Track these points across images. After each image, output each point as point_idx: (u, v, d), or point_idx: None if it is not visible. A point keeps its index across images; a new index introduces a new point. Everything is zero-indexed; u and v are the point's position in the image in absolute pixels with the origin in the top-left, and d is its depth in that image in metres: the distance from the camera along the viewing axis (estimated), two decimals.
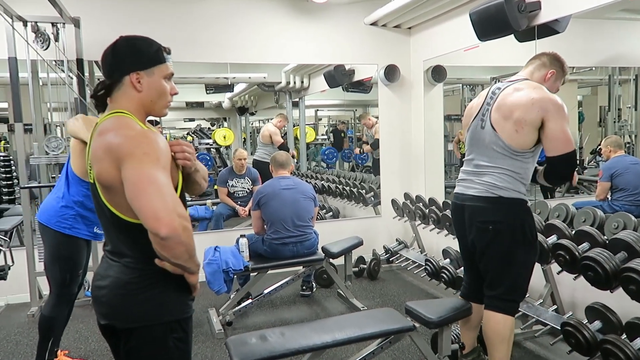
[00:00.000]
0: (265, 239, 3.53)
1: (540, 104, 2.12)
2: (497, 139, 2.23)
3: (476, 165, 2.35)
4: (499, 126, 2.22)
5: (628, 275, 2.22)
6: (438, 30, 4.39)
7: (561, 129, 2.12)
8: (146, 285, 1.39)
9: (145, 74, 1.40)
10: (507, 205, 2.25)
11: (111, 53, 1.41)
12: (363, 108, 8.78)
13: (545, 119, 2.12)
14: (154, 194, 1.23)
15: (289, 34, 4.51)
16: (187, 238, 1.27)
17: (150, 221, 1.22)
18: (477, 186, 2.31)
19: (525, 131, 2.16)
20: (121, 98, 1.41)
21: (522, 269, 2.32)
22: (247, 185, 5.12)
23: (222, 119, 8.30)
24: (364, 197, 5.07)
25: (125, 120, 1.37)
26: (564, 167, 2.21)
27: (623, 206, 3.86)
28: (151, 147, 1.30)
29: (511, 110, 2.18)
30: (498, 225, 2.26)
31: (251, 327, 3.37)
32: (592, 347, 2.38)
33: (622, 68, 5.52)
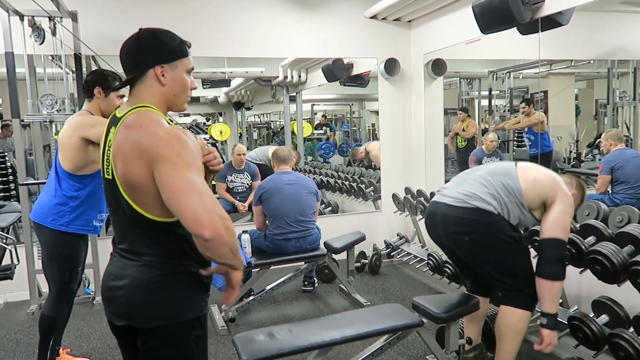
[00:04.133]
0: (268, 235, 3.50)
1: (560, 187, 2.28)
2: (512, 172, 2.33)
3: (473, 175, 2.40)
4: (523, 167, 2.36)
5: (637, 269, 2.22)
6: (439, 23, 4.36)
7: (565, 215, 2.23)
8: (167, 284, 1.36)
9: (169, 68, 1.37)
10: (482, 216, 2.25)
11: (135, 45, 1.37)
12: (359, 102, 8.76)
13: (556, 199, 2.25)
14: (194, 198, 1.21)
15: (288, 27, 4.47)
16: (231, 237, 1.25)
17: (194, 225, 1.20)
18: (455, 195, 2.33)
19: (537, 190, 2.28)
20: (144, 92, 1.38)
21: (522, 266, 2.32)
22: (246, 181, 5.08)
23: (217, 114, 8.24)
24: (364, 192, 5.05)
25: (153, 115, 1.33)
26: (552, 252, 2.22)
27: (624, 199, 3.87)
28: (184, 148, 1.27)
29: (540, 171, 2.36)
30: (475, 234, 2.28)
31: (254, 323, 3.35)
32: (600, 341, 2.37)
33: (620, 61, 5.53)
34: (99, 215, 2.48)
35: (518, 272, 2.31)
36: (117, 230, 1.45)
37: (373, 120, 9.18)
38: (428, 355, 2.75)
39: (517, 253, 2.32)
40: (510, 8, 3.06)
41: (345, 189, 5.48)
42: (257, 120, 9.72)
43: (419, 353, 2.84)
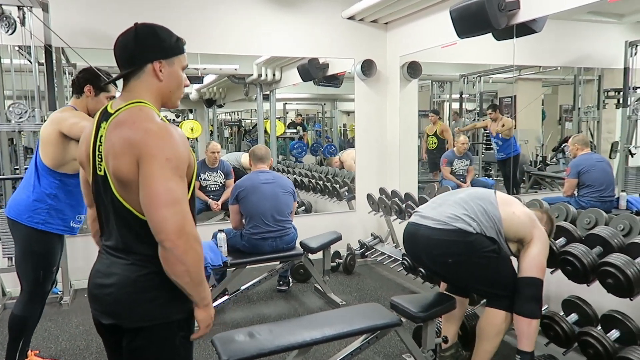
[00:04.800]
0: (244, 234, 3.47)
1: (537, 226, 2.36)
2: (492, 199, 2.38)
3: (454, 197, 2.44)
4: (502, 197, 2.44)
5: (606, 270, 2.30)
6: (415, 26, 4.42)
7: (541, 255, 2.32)
8: (155, 283, 1.34)
9: (167, 63, 1.37)
10: (464, 237, 2.28)
11: (133, 39, 1.35)
12: (331, 102, 8.80)
13: (533, 239, 2.33)
14: (168, 209, 1.22)
15: (265, 25, 4.43)
16: (191, 259, 1.25)
17: (158, 234, 1.23)
18: (435, 216, 2.36)
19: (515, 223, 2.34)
20: (139, 87, 1.36)
21: (506, 275, 2.37)
22: (219, 179, 5.03)
23: (187, 111, 8.12)
24: (339, 192, 5.07)
25: (146, 111, 1.32)
26: (530, 291, 2.29)
27: (589, 202, 4.01)
28: (173, 150, 1.26)
29: (518, 207, 2.41)
30: (459, 256, 2.32)
31: (229, 323, 3.32)
32: (570, 339, 2.46)
33: (586, 68, 5.73)
34: (77, 216, 2.42)
35: (501, 280, 2.37)
36: (106, 228, 1.42)
37: (345, 120, 9.24)
38: (404, 354, 2.79)
39: (499, 264, 2.36)
40: (487, 14, 3.12)
41: (319, 188, 5.49)
42: (228, 118, 9.63)
43: (394, 352, 2.88)
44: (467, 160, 5.63)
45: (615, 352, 2.22)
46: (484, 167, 6.85)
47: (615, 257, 2.29)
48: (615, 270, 2.25)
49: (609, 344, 2.26)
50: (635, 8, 4.46)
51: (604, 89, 5.58)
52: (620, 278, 2.22)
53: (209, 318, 1.39)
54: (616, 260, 2.26)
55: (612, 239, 2.47)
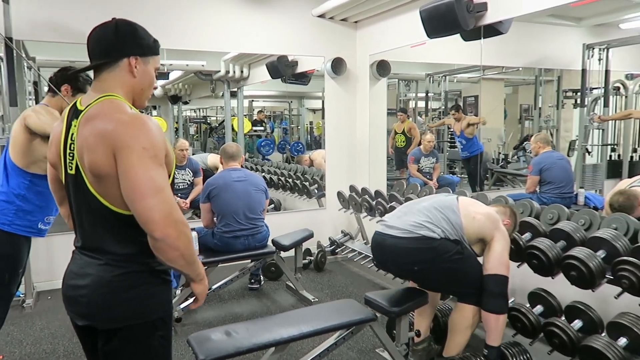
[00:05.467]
0: (216, 232, 3.44)
1: (497, 226, 2.43)
2: (454, 206, 2.44)
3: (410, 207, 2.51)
4: (463, 202, 2.49)
5: (569, 263, 2.40)
6: (385, 25, 4.47)
7: (503, 253, 2.39)
8: (130, 284, 1.32)
9: (142, 61, 1.37)
10: (429, 243, 2.34)
11: (113, 32, 1.33)
12: (298, 100, 8.79)
13: (494, 238, 2.40)
14: (152, 198, 1.21)
15: (234, 22, 4.39)
16: (183, 244, 1.26)
17: (146, 224, 1.22)
18: (400, 225, 2.41)
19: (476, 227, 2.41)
20: (112, 80, 1.34)
21: (472, 273, 2.44)
22: (188, 177, 4.95)
23: (151, 107, 7.95)
24: (309, 190, 5.09)
25: (117, 102, 1.30)
26: (496, 287, 2.35)
27: (550, 198, 4.17)
28: (149, 138, 1.24)
29: (479, 210, 2.49)
30: (425, 263, 2.38)
31: (201, 323, 3.28)
32: (536, 329, 2.55)
33: (546, 69, 5.95)
34: (46, 218, 2.34)
35: (469, 279, 2.44)
36: (79, 228, 1.39)
37: (311, 118, 9.25)
38: (377, 349, 2.83)
39: (465, 265, 2.43)
40: (456, 15, 3.20)
41: (289, 186, 5.49)
42: (194, 115, 9.49)
43: (368, 347, 2.92)
44: (433, 158, 5.75)
45: (578, 340, 2.32)
46: (448, 164, 7.02)
47: (578, 251, 2.39)
48: (578, 263, 2.35)
49: (573, 334, 2.36)
50: (593, 12, 4.66)
51: (562, 90, 5.82)
52: (583, 270, 2.32)
53: (205, 289, 1.44)
54: (579, 254, 2.36)
55: (575, 233, 2.57)
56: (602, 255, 2.35)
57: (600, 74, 4.82)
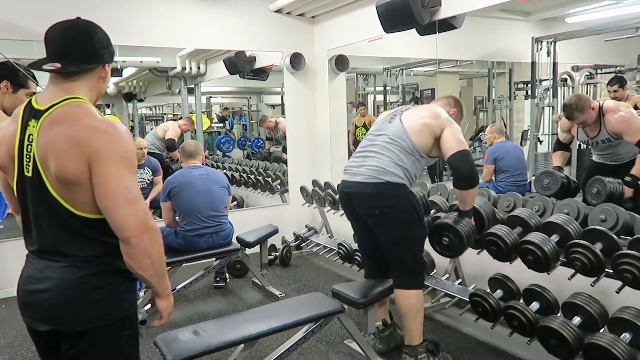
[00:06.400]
0: (179, 232, 3.39)
1: (444, 120, 2.47)
2: (401, 131, 2.45)
3: (367, 151, 2.52)
4: (407, 121, 2.49)
5: (526, 248, 2.50)
6: (342, 20, 4.50)
7: (455, 135, 2.42)
8: (96, 285, 1.31)
9: (109, 67, 1.39)
10: (393, 189, 2.41)
11: (91, 37, 1.33)
12: (257, 95, 8.74)
13: (445, 129, 2.43)
14: (128, 208, 1.24)
15: (189, 17, 4.31)
16: (156, 251, 1.29)
17: (122, 231, 1.25)
18: (364, 172, 2.46)
19: (426, 133, 2.44)
20: (83, 84, 1.33)
21: (416, 244, 2.55)
22: (147, 176, 4.84)
23: (104, 106, 7.72)
24: (271, 185, 5.07)
25: (85, 107, 1.28)
26: (463, 162, 2.39)
27: (505, 186, 4.33)
28: (125, 147, 1.26)
29: (421, 115, 2.50)
30: (385, 209, 2.45)
31: (167, 324, 3.16)
32: (497, 313, 2.65)
33: (498, 62, 6.14)
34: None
35: (415, 250, 2.53)
36: (35, 231, 1.34)
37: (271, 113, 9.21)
38: (346, 340, 2.87)
39: (418, 228, 2.52)
40: (411, 10, 3.26)
41: (251, 182, 5.46)
42: (150, 113, 9.27)
43: (336, 338, 2.95)
44: None
45: (536, 321, 2.43)
46: None
47: (533, 236, 2.50)
48: (534, 247, 2.45)
49: (531, 315, 2.47)
50: (540, 7, 4.84)
51: (514, 82, 6.03)
52: (539, 254, 2.43)
53: (170, 307, 1.46)
54: (534, 239, 2.47)
55: (530, 219, 2.69)
56: (556, 239, 2.47)
57: (549, 66, 5.02)
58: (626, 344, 2.08)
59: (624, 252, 2.16)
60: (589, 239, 2.33)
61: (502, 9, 4.62)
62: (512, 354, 2.72)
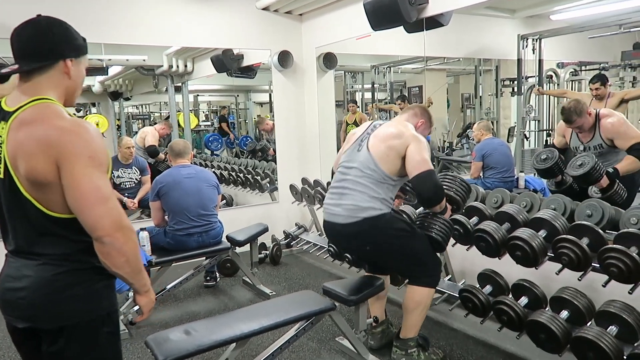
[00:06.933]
0: (168, 231, 3.37)
1: (407, 137, 2.43)
2: (370, 160, 2.43)
3: (341, 187, 2.51)
4: (374, 148, 2.46)
5: (514, 243, 2.53)
6: (330, 17, 4.50)
7: (418, 153, 2.39)
8: (72, 281, 1.32)
9: (76, 62, 1.36)
10: (374, 223, 2.41)
11: (46, 33, 1.31)
12: (245, 93, 8.70)
13: (409, 147, 2.40)
14: (100, 207, 1.24)
15: (175, 14, 4.27)
16: (130, 249, 1.28)
17: (94, 231, 1.25)
18: (342, 212, 2.46)
19: (393, 156, 2.42)
20: (46, 83, 1.31)
21: (421, 252, 2.56)
22: (134, 176, 4.80)
23: (90, 104, 7.62)
24: (261, 184, 5.06)
25: (55, 108, 1.28)
26: (425, 184, 2.39)
27: (493, 183, 4.37)
28: (93, 146, 1.25)
29: (386, 138, 2.46)
30: (374, 243, 2.48)
31: (157, 324, 3.21)
32: (486, 308, 2.68)
33: (485, 60, 6.19)
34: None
35: (422, 258, 2.54)
36: (12, 231, 1.35)
37: (259, 111, 9.18)
38: (337, 337, 2.88)
39: (415, 241, 2.53)
40: (398, 7, 3.27)
41: (240, 181, 5.44)
42: (136, 112, 9.18)
43: (327, 336, 2.96)
44: None
45: (525, 316, 2.46)
46: None
47: (521, 232, 2.53)
48: (522, 243, 2.48)
49: (520, 310, 2.50)
50: (526, 4, 4.89)
51: (500, 79, 6.07)
52: (527, 250, 2.46)
53: (151, 302, 1.45)
54: (523, 234, 2.50)
55: (518, 215, 2.72)
56: (544, 234, 2.50)
57: (535, 63, 5.07)
58: (613, 337, 2.12)
59: (610, 247, 2.20)
60: (575, 234, 2.37)
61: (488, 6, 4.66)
62: (502, 348, 2.75)
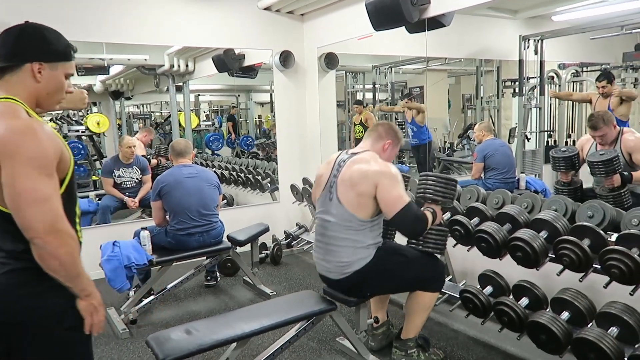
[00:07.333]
0: (169, 230, 3.37)
1: (373, 175, 2.30)
2: (344, 211, 2.35)
3: (324, 243, 2.46)
4: (344, 198, 2.36)
5: (515, 244, 2.53)
6: (331, 18, 4.50)
7: (388, 192, 2.28)
8: (23, 280, 1.31)
9: (48, 67, 1.37)
10: (365, 272, 2.38)
11: (15, 36, 1.35)
12: (246, 93, 8.70)
13: (378, 187, 2.29)
14: (34, 208, 1.23)
15: (177, 14, 4.27)
16: (64, 254, 1.26)
17: (27, 232, 1.23)
18: (332, 268, 2.43)
19: (365, 201, 2.32)
20: (15, 83, 1.35)
21: (423, 270, 2.53)
22: (135, 175, 4.80)
23: (91, 104, 7.63)
24: (261, 184, 5.07)
25: (13, 107, 1.29)
26: (404, 223, 2.32)
27: (494, 184, 4.36)
28: (37, 148, 1.25)
29: (352, 184, 2.33)
30: (372, 287, 2.47)
31: (157, 323, 3.22)
32: (487, 309, 2.68)
33: (486, 60, 6.18)
34: None
35: (424, 275, 2.53)
36: None
37: (260, 111, 9.18)
38: (338, 337, 2.88)
39: (413, 266, 2.49)
40: (400, 8, 3.27)
41: (241, 180, 5.44)
42: (137, 111, 9.18)
43: (328, 336, 2.96)
44: None
45: (526, 317, 2.46)
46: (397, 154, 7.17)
47: (522, 232, 2.53)
48: (523, 244, 2.48)
49: (520, 311, 2.50)
50: (527, 5, 4.88)
51: (502, 79, 6.07)
52: (528, 251, 2.46)
53: (91, 307, 1.38)
54: (524, 235, 2.50)
55: (519, 216, 2.72)
56: (545, 235, 2.50)
57: (536, 64, 5.06)
58: (614, 338, 2.11)
59: (611, 248, 2.20)
60: (577, 235, 2.36)
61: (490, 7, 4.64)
62: (502, 349, 2.75)
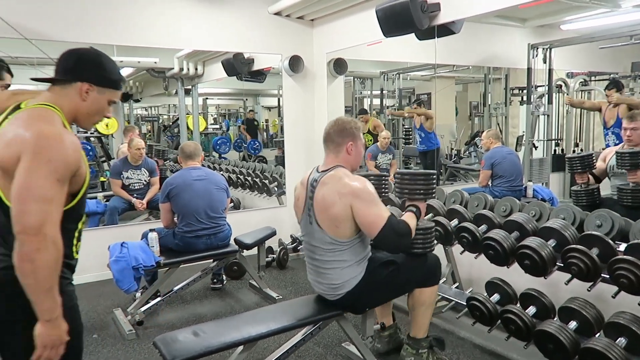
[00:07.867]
0: (177, 233, 3.39)
1: (345, 197, 2.20)
2: (324, 235, 2.29)
3: (315, 260, 2.41)
4: (323, 223, 2.28)
5: (523, 252, 2.53)
6: (341, 23, 4.52)
7: (365, 211, 2.19)
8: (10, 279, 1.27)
9: (97, 90, 1.44)
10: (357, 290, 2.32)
11: (77, 55, 1.45)
12: (254, 97, 8.75)
13: (353, 209, 2.19)
14: (31, 204, 1.23)
15: (188, 18, 4.30)
16: (41, 260, 1.22)
17: (16, 224, 1.23)
18: (326, 290, 2.41)
19: (342, 224, 2.24)
20: (62, 95, 1.42)
21: (416, 271, 2.51)
22: (143, 177, 4.83)
23: None
24: (269, 187, 5.08)
25: (51, 114, 1.35)
26: (387, 242, 2.25)
27: (501, 191, 4.36)
28: (58, 153, 1.28)
29: (326, 207, 2.25)
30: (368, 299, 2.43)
31: (164, 325, 3.23)
32: (494, 317, 2.67)
33: (494, 68, 6.19)
34: None
35: (418, 277, 2.52)
36: None
37: (267, 116, 9.22)
38: (344, 343, 2.88)
39: (404, 271, 2.46)
40: (411, 14, 3.28)
41: (248, 184, 5.46)
42: (145, 114, 9.25)
43: (334, 341, 2.96)
44: (389, 155, 5.86)
45: (533, 326, 2.45)
46: (404, 160, 7.18)
47: (531, 240, 2.52)
48: (531, 252, 2.47)
49: (528, 319, 2.49)
50: (536, 13, 4.90)
51: (509, 87, 6.08)
52: (536, 259, 2.45)
53: (47, 337, 1.25)
54: (532, 243, 2.49)
55: (527, 224, 2.71)
56: (553, 244, 2.49)
57: (544, 73, 5.07)
58: (622, 349, 2.10)
59: (620, 258, 2.19)
60: (585, 244, 2.36)
61: (499, 15, 4.68)
62: (509, 358, 2.74)
